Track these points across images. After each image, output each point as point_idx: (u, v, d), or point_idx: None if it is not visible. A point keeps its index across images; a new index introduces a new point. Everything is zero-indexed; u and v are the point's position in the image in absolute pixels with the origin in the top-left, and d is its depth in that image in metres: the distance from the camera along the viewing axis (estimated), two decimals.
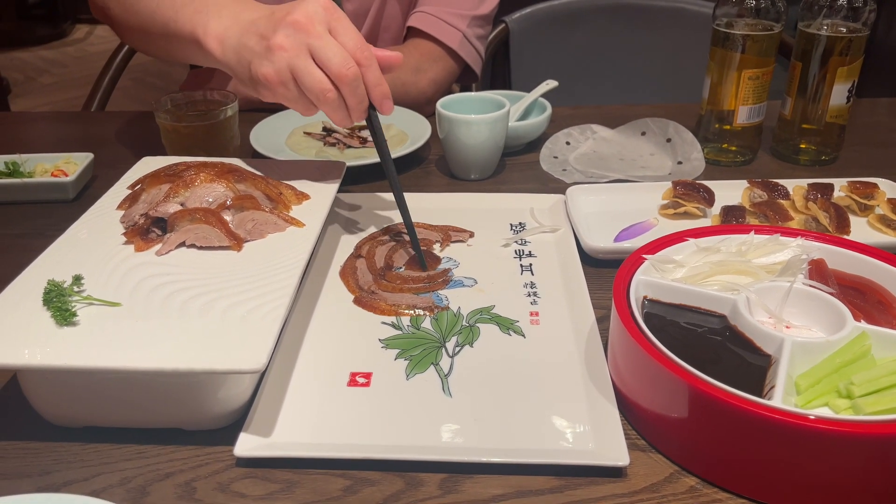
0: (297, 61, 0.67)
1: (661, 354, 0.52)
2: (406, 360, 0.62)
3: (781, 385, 0.49)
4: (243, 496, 0.51)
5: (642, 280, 0.61)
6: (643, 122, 1.05)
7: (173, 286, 0.59)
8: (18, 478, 0.52)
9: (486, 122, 0.91)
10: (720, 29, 0.93)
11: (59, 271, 0.60)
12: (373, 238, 0.80)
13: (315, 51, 0.67)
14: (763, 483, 0.49)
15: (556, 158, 1.01)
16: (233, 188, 0.68)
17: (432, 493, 0.51)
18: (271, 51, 0.67)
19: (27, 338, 0.52)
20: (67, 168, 0.94)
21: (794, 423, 0.46)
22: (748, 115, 0.96)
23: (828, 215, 0.77)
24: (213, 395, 0.54)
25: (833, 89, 0.94)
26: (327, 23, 0.68)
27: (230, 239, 0.64)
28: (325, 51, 0.66)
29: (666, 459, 0.53)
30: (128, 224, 0.67)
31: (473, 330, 0.66)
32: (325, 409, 0.57)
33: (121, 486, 0.52)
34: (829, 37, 0.91)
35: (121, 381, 0.53)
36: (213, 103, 0.95)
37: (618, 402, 0.56)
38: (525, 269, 0.75)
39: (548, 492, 0.51)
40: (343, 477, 0.52)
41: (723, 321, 0.58)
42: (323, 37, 0.67)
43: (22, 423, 0.57)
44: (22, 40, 4.50)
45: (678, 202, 0.83)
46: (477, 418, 0.56)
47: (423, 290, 0.71)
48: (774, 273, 0.63)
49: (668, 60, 1.56)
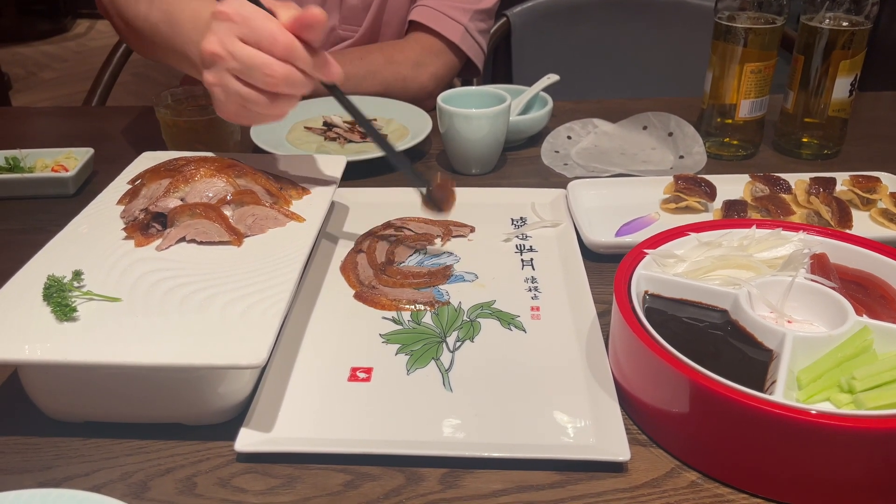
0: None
1: (662, 349, 0.52)
2: (407, 354, 0.62)
3: (783, 380, 0.49)
4: (244, 491, 0.51)
5: (643, 275, 0.60)
6: (645, 116, 1.04)
7: (173, 281, 0.59)
8: (19, 473, 0.52)
9: (488, 117, 0.91)
10: (722, 22, 0.93)
11: (59, 266, 0.59)
12: (373, 233, 0.80)
13: (244, 37, 0.64)
14: (764, 478, 0.49)
15: (557, 153, 1.01)
16: (233, 183, 0.68)
17: (433, 487, 0.51)
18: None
19: (28, 333, 0.52)
20: (68, 163, 0.93)
21: (795, 418, 0.46)
22: (750, 109, 0.95)
23: (830, 209, 0.77)
24: (214, 391, 0.54)
25: (835, 83, 0.93)
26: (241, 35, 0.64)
27: (230, 234, 0.64)
28: (253, 35, 0.63)
29: (667, 454, 0.53)
30: (128, 219, 0.67)
31: (474, 325, 0.66)
32: (326, 405, 0.57)
33: (121, 481, 0.52)
34: (832, 30, 0.91)
35: (121, 377, 0.53)
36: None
37: (619, 396, 0.56)
38: (526, 263, 0.75)
39: (548, 486, 0.51)
40: (344, 472, 0.52)
41: (724, 316, 0.58)
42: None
43: (22, 418, 0.57)
44: (23, 35, 4.49)
45: (680, 196, 0.82)
46: (478, 413, 0.56)
47: (423, 285, 0.71)
48: (776, 268, 0.62)
49: (670, 55, 1.55)
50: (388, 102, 1.11)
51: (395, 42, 1.19)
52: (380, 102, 1.11)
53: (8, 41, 4.40)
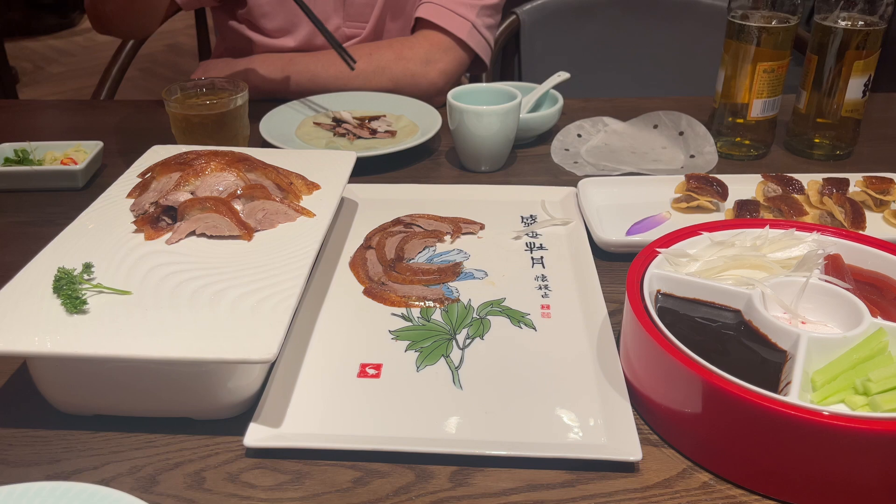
0: None
1: (675, 349, 0.51)
2: (416, 351, 0.62)
3: (798, 381, 0.49)
4: (253, 486, 0.51)
5: (656, 274, 0.60)
6: (655, 115, 1.04)
7: (184, 275, 0.58)
8: (27, 466, 0.52)
9: (498, 114, 0.90)
10: (735, 21, 0.92)
11: (69, 259, 0.59)
12: (383, 229, 0.79)
13: None
14: (778, 480, 0.48)
15: (567, 151, 1.00)
16: (243, 177, 0.68)
17: (443, 485, 0.50)
18: None
19: (38, 325, 0.52)
20: (77, 156, 0.93)
21: (810, 420, 0.45)
22: (762, 109, 0.95)
23: (843, 210, 0.76)
24: (224, 385, 0.54)
25: (849, 83, 0.92)
26: None
27: (240, 228, 0.64)
28: None
29: (679, 455, 0.53)
30: (138, 212, 0.67)
31: (484, 322, 0.65)
32: (335, 400, 0.57)
33: (130, 474, 0.51)
34: (846, 30, 0.90)
35: (131, 370, 0.53)
36: (224, 92, 0.94)
37: (630, 396, 0.56)
38: (536, 261, 0.74)
39: (559, 486, 0.50)
40: (353, 468, 0.52)
41: (737, 316, 0.57)
42: None
43: (31, 410, 0.57)
44: (31, 29, 4.49)
45: (691, 196, 0.82)
46: (487, 411, 0.56)
47: (433, 282, 0.71)
48: (790, 268, 0.62)
49: (680, 54, 1.54)
50: (397, 99, 1.10)
51: (404, 38, 1.19)
52: (389, 99, 1.10)
53: (16, 35, 4.40)
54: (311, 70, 1.14)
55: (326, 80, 1.14)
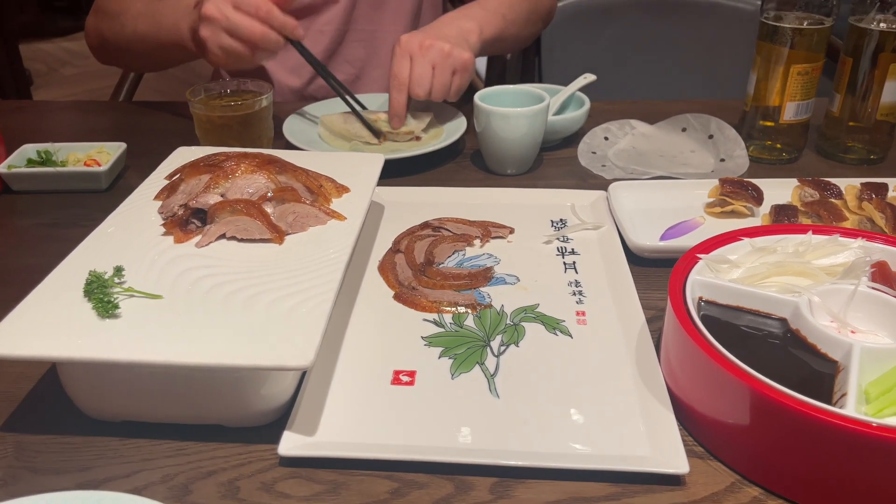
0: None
1: (723, 358, 0.50)
2: (450, 358, 0.60)
3: (854, 393, 0.47)
4: (288, 497, 0.49)
5: (698, 280, 0.58)
6: (683, 117, 1.02)
7: (215, 279, 0.57)
8: (57, 474, 0.51)
9: (526, 116, 0.89)
10: (768, 22, 0.91)
11: (98, 262, 0.58)
12: (411, 233, 0.78)
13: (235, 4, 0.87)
14: (832, 495, 0.47)
15: (594, 154, 0.99)
16: (274, 180, 0.67)
17: (483, 497, 0.49)
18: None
19: (69, 329, 0.51)
20: (100, 157, 0.92)
21: (869, 434, 0.43)
22: (795, 112, 0.93)
23: (884, 216, 0.74)
24: (257, 392, 0.52)
25: (884, 86, 0.91)
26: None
27: (272, 231, 0.62)
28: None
29: (726, 468, 0.51)
30: (167, 215, 0.66)
31: (518, 329, 0.64)
32: (370, 408, 0.55)
33: (162, 483, 0.50)
34: (882, 32, 0.88)
35: (163, 376, 0.52)
36: (248, 93, 0.93)
37: (672, 406, 0.54)
38: (569, 266, 0.73)
39: (604, 499, 0.49)
40: (390, 479, 0.50)
41: (783, 325, 0.56)
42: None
43: (60, 416, 0.55)
44: (44, 31, 4.51)
45: (725, 200, 0.80)
46: (526, 420, 0.54)
47: (464, 287, 0.69)
48: (835, 275, 0.60)
49: (703, 56, 1.52)
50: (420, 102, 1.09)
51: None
52: (413, 103, 1.09)
53: (29, 37, 4.42)
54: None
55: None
